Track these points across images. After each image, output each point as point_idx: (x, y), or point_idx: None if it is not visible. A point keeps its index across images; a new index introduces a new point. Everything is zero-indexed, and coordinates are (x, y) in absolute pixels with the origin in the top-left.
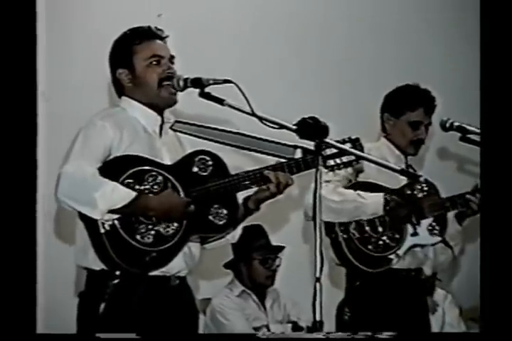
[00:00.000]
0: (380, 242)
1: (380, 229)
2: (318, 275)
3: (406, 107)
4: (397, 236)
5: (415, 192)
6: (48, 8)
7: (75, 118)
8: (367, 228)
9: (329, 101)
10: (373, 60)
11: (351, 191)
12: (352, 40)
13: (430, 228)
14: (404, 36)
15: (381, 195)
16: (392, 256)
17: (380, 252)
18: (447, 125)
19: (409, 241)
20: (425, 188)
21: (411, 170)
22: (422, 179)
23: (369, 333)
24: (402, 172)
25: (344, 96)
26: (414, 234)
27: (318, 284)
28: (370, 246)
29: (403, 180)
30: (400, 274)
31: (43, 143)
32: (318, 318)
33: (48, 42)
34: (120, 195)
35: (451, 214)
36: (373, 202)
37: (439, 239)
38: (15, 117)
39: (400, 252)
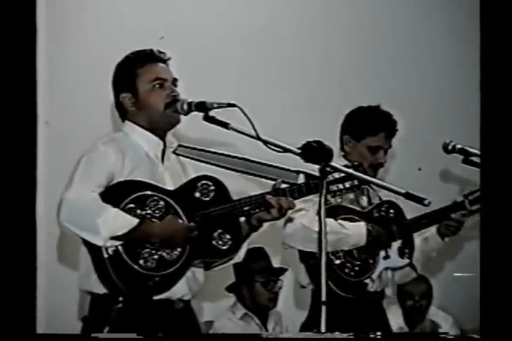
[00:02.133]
0: (356, 268)
1: (356, 254)
2: (324, 298)
3: (367, 132)
4: (371, 260)
5: (383, 214)
6: (49, 31)
7: (77, 143)
8: (343, 253)
9: (333, 123)
10: (375, 83)
11: (333, 221)
12: (355, 62)
13: (400, 250)
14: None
15: (363, 225)
16: (367, 281)
17: (356, 277)
18: (449, 147)
19: (381, 264)
20: (391, 210)
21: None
22: (426, 202)
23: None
24: (407, 195)
25: None
26: (386, 257)
27: (323, 307)
28: (347, 271)
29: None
30: (369, 297)
31: (43, 167)
32: None
33: (48, 66)
34: (122, 221)
35: (433, 230)
36: (356, 234)
37: (407, 261)
38: (14, 140)
39: (374, 276)
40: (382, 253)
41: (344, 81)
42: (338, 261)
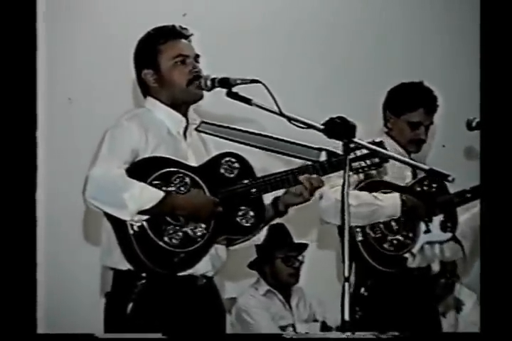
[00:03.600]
0: (395, 241)
1: (395, 228)
2: (347, 274)
3: (406, 107)
4: (411, 234)
5: (425, 188)
6: (61, 10)
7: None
8: (382, 227)
9: (356, 101)
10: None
11: (366, 193)
12: (381, 41)
13: (442, 224)
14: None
15: (397, 195)
16: (407, 255)
17: (395, 251)
18: (473, 124)
19: (422, 238)
20: (434, 184)
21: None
22: (450, 178)
23: (395, 333)
24: (430, 171)
25: (372, 96)
26: (427, 231)
27: (346, 284)
28: (385, 246)
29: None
30: (413, 273)
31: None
32: (347, 318)
33: (70, 43)
34: (149, 195)
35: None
36: (390, 204)
37: (450, 235)
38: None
39: (415, 250)
40: (423, 227)
41: (373, 59)
42: (376, 236)
